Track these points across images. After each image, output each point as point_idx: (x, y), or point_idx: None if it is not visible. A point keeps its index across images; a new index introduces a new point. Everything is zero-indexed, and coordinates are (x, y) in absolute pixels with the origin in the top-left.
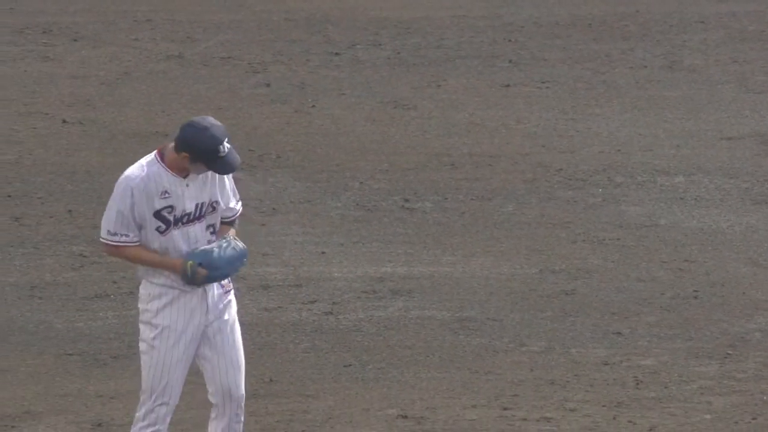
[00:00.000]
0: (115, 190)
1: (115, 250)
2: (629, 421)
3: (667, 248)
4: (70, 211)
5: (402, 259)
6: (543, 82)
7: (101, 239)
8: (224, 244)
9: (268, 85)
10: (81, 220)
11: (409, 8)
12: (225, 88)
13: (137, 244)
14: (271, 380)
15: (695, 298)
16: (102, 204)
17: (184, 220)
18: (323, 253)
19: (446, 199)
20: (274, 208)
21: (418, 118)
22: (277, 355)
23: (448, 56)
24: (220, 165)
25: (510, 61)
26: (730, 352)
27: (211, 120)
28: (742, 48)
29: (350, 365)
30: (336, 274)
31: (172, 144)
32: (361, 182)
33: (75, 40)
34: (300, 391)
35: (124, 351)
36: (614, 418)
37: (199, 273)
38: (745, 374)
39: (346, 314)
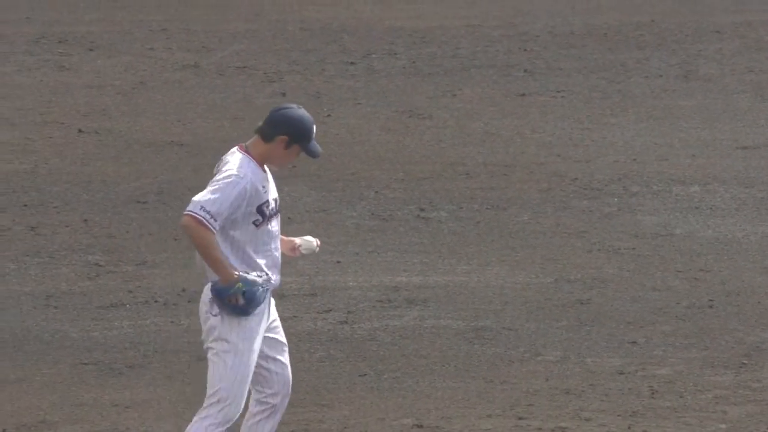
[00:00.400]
0: (222, 182)
1: (197, 227)
2: (644, 431)
3: (683, 258)
4: (85, 220)
5: (417, 269)
6: (558, 92)
7: (190, 212)
8: (266, 287)
9: (283, 95)
10: (96, 230)
11: (424, 18)
12: (240, 98)
13: (214, 234)
14: None
15: (710, 307)
16: (117, 213)
17: (271, 214)
18: (338, 262)
19: (461, 208)
20: (289, 218)
21: (434, 127)
22: (292, 364)
23: (463, 66)
24: (313, 146)
25: (525, 71)
26: (745, 361)
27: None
28: (758, 57)
29: (365, 374)
30: (351, 284)
31: (254, 139)
32: (377, 191)
33: (91, 50)
34: (315, 400)
35: (139, 360)
36: (629, 428)
37: (237, 299)
38: (761, 384)
39: (361, 323)
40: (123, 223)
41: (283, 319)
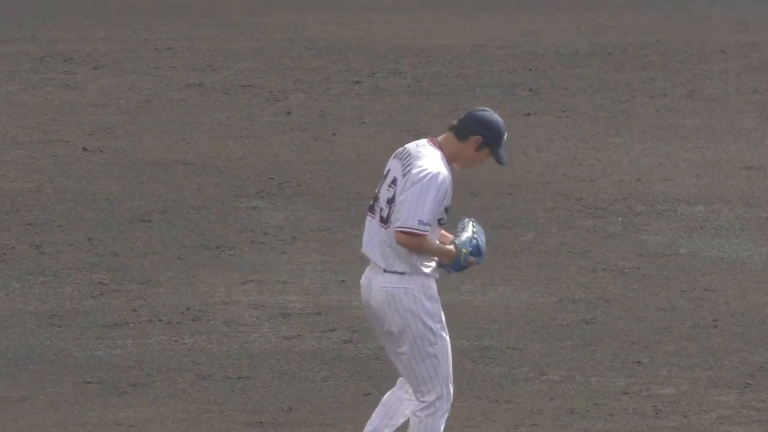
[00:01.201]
0: (428, 183)
1: (416, 239)
2: None
3: (687, 277)
4: (90, 239)
5: None
6: (563, 111)
7: (408, 229)
8: (477, 232)
9: (288, 113)
10: (101, 248)
11: (429, 37)
12: (245, 116)
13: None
14: (290, 408)
15: (715, 327)
16: (122, 232)
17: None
18: (342, 281)
19: None
20: (293, 237)
21: None
22: (297, 383)
23: (468, 85)
24: (502, 152)
25: (530, 90)
26: (749, 381)
27: None
28: (763, 78)
29: (369, 394)
30: (355, 303)
31: (446, 135)
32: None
33: (96, 69)
34: (319, 419)
35: (143, 379)
36: None
37: (470, 261)
38: (765, 404)
39: (365, 342)
40: (127, 241)
41: (287, 338)
